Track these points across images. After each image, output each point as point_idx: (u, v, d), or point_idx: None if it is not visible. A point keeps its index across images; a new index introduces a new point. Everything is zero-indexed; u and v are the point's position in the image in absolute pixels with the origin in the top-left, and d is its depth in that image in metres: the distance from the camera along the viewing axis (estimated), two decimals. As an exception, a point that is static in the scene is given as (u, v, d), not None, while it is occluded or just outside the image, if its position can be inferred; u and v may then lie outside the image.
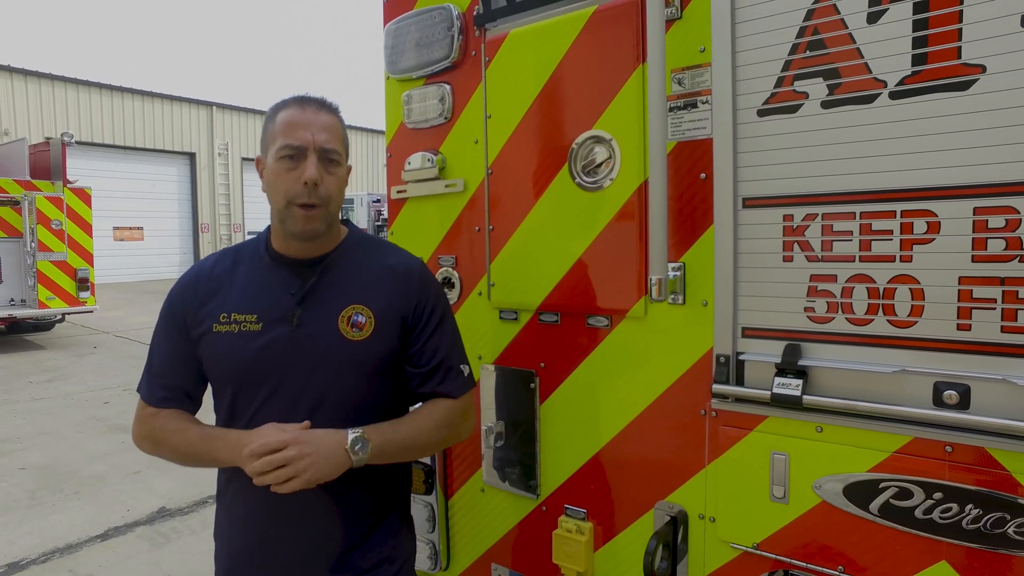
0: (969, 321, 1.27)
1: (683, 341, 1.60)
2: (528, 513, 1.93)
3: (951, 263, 1.28)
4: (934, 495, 1.30)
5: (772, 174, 1.46)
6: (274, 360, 1.39)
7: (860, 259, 1.38)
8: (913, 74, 1.30)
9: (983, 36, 1.22)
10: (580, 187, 1.73)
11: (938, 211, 1.29)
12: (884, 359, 1.36)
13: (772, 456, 1.48)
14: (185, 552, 3.97)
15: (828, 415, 1.41)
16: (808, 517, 1.46)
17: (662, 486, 1.67)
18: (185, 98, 23.95)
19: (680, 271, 1.57)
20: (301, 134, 1.37)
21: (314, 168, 1.36)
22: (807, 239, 1.43)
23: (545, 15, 1.78)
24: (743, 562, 1.56)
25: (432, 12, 1.97)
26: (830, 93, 1.39)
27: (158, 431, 1.46)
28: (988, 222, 1.24)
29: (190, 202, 24.33)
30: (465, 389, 1.52)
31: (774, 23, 1.44)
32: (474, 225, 1.98)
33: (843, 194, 1.39)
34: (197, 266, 1.54)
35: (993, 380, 1.24)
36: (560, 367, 1.82)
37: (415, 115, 2.04)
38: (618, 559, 1.76)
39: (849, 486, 1.40)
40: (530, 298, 1.85)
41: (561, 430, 1.84)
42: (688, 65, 1.56)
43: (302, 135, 1.37)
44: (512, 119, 1.86)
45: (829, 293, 1.41)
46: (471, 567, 2.09)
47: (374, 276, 1.47)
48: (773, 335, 1.48)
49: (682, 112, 1.57)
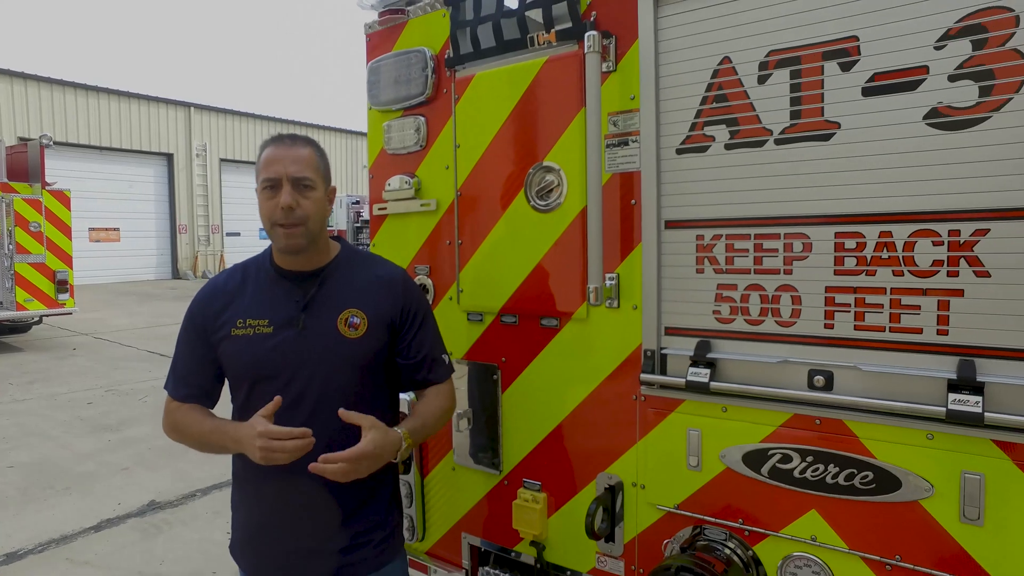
0: (832, 321, 1.62)
1: (618, 338, 1.92)
2: (492, 487, 2.25)
3: (820, 275, 1.63)
4: (807, 458, 1.64)
5: (688, 201, 1.80)
6: (284, 357, 1.67)
7: (754, 271, 1.71)
8: (791, 125, 1.64)
9: (838, 100, 1.56)
10: (534, 209, 2.05)
11: (810, 234, 1.63)
12: (772, 352, 1.70)
13: (688, 432, 1.81)
14: (177, 541, 4.20)
15: (730, 397, 1.74)
16: (716, 481, 1.79)
17: (602, 460, 1.99)
18: (162, 98, 23.81)
19: (615, 280, 1.90)
20: (276, 168, 1.66)
21: (288, 196, 1.65)
22: (714, 255, 1.76)
23: (506, 61, 2.09)
24: (667, 521, 1.90)
25: (409, 54, 2.27)
26: (731, 137, 1.72)
27: (180, 422, 1.75)
28: (844, 244, 1.58)
29: (167, 203, 24.18)
30: (449, 374, 1.85)
31: (688, 79, 1.77)
32: (445, 239, 2.28)
33: (741, 219, 1.72)
34: (212, 282, 1.83)
35: (848, 367, 1.59)
36: (518, 361, 2.14)
37: (394, 142, 2.34)
38: (567, 523, 2.08)
39: (746, 454, 1.73)
40: (493, 302, 2.16)
41: (519, 415, 2.16)
42: (621, 110, 1.89)
43: (277, 168, 1.66)
44: (478, 148, 2.17)
45: (731, 299, 1.75)
46: (444, 537, 2.40)
47: (365, 284, 1.77)
48: (688, 333, 1.81)
49: (616, 148, 1.90)
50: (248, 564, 1.80)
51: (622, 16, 1.85)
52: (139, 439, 6.14)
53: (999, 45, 1.38)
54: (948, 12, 1.43)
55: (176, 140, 24.16)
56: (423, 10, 2.26)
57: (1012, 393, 1.39)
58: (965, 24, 1.41)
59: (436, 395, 1.81)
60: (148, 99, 23.33)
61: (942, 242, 1.48)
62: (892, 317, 1.54)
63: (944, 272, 1.48)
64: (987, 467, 1.43)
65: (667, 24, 1.79)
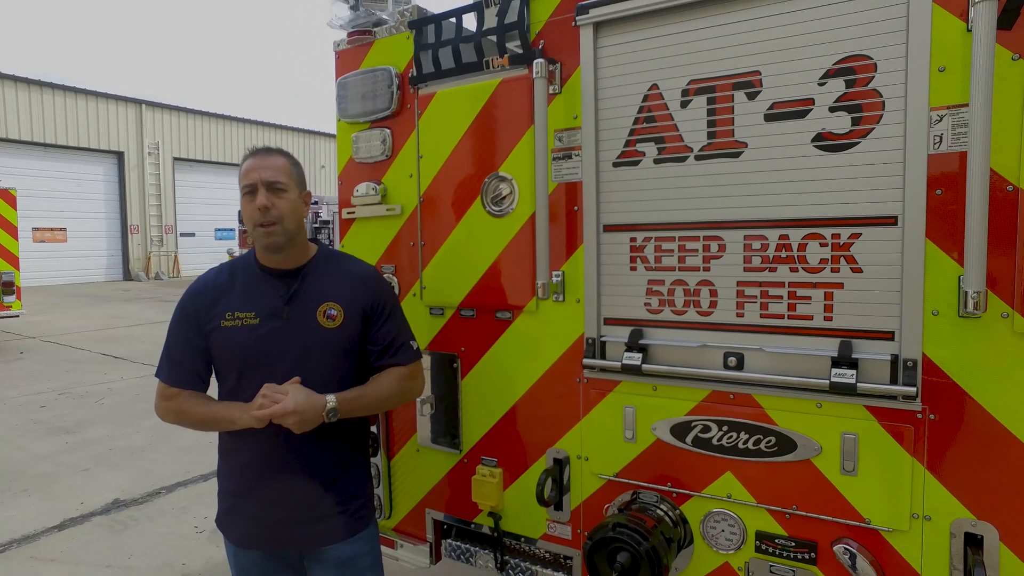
0: (743, 311, 1.91)
1: (563, 328, 2.18)
2: (453, 466, 2.48)
3: (732, 272, 1.92)
4: (723, 428, 1.93)
5: (622, 208, 2.07)
6: (270, 346, 1.87)
7: (678, 269, 1.99)
8: (708, 144, 1.92)
9: (746, 124, 1.86)
10: (489, 214, 2.29)
11: (724, 237, 1.92)
12: (693, 338, 1.98)
13: (624, 409, 2.08)
14: (145, 536, 4.27)
15: (659, 378, 2.02)
16: (648, 451, 2.07)
17: (551, 437, 2.25)
18: (112, 95, 23.12)
19: (560, 277, 2.16)
20: (253, 175, 1.89)
21: (263, 197, 1.86)
22: (645, 255, 2.04)
23: (464, 81, 2.33)
24: (608, 488, 2.16)
25: (376, 72, 2.48)
26: (659, 153, 2.00)
27: (182, 405, 1.92)
28: (752, 245, 1.88)
29: (118, 203, 23.49)
30: (413, 358, 2.04)
31: (623, 101, 2.04)
32: (409, 241, 2.51)
33: (668, 224, 2.00)
34: (203, 278, 2.01)
35: (755, 349, 1.88)
36: (476, 351, 2.38)
37: (362, 152, 2.55)
38: (521, 495, 2.33)
39: (673, 426, 2.01)
40: (453, 298, 2.40)
41: (477, 399, 2.40)
42: (566, 127, 2.14)
43: (253, 176, 1.89)
44: (439, 159, 2.40)
45: (659, 293, 2.03)
46: (409, 513, 2.62)
47: (341, 280, 1.98)
48: (624, 323, 2.08)
49: (561, 161, 2.16)
50: (232, 532, 1.98)
51: (566, 45, 2.11)
52: (98, 440, 6.12)
53: (864, 85, 1.69)
54: (827, 56, 1.73)
55: (127, 138, 23.49)
56: (389, 32, 2.48)
57: (878, 367, 1.71)
58: (840, 66, 1.72)
59: (389, 375, 1.99)
60: (97, 95, 22.63)
61: (827, 244, 1.78)
62: (790, 306, 1.84)
63: (829, 269, 1.78)
64: (860, 428, 1.74)
65: (605, 54, 2.06)
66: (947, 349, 1.64)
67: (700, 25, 1.91)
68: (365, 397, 1.93)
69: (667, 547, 1.94)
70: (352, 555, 1.99)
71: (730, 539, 1.97)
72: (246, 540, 1.97)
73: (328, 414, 1.81)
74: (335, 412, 1.83)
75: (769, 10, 1.81)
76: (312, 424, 1.80)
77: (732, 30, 1.86)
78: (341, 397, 1.86)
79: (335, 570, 1.98)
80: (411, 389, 2.06)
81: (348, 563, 1.99)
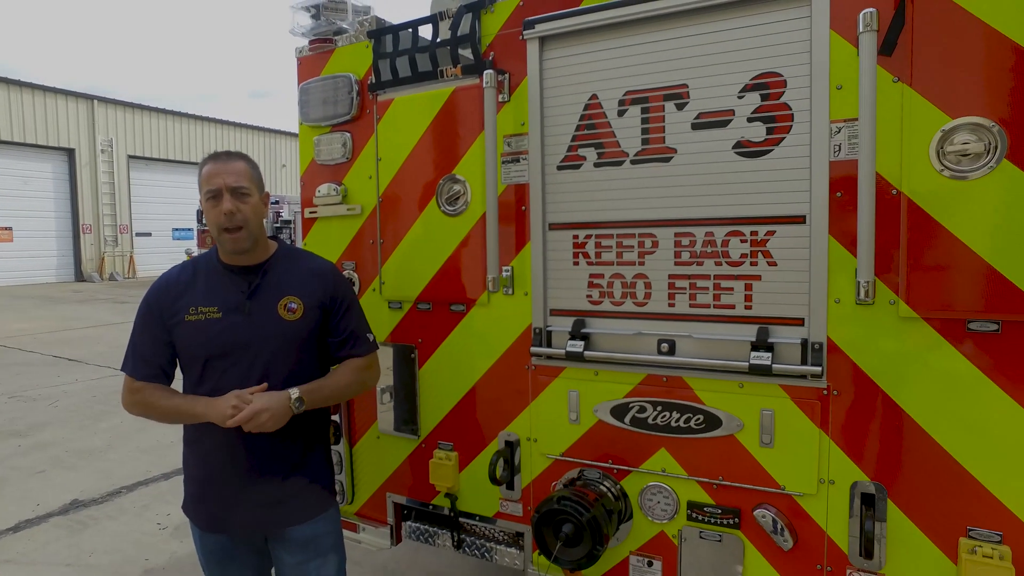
0: (674, 301, 2.10)
1: (513, 319, 2.35)
2: (412, 451, 2.62)
3: (664, 266, 2.11)
4: (657, 408, 2.13)
5: (566, 208, 2.25)
6: (233, 338, 1.96)
7: (617, 263, 2.18)
8: (642, 149, 2.11)
9: (675, 132, 2.05)
10: (444, 213, 2.45)
11: (657, 234, 2.11)
12: (631, 327, 2.17)
13: (568, 393, 2.26)
14: (106, 535, 4.26)
15: (600, 363, 2.20)
16: (591, 431, 2.25)
17: (502, 421, 2.41)
18: (62, 90, 22.33)
19: (510, 272, 2.33)
20: (216, 180, 1.97)
21: (228, 202, 1.95)
22: (587, 251, 2.22)
23: (420, 89, 2.48)
24: (556, 467, 2.34)
25: (337, 78, 2.61)
26: (598, 158, 2.18)
27: (148, 398, 2.00)
28: (681, 241, 2.08)
29: (69, 201, 22.72)
30: (370, 350, 2.16)
31: (566, 110, 2.22)
32: (369, 239, 2.64)
33: (606, 222, 2.18)
34: (166, 275, 2.10)
35: (685, 336, 2.08)
36: (432, 342, 2.53)
37: (323, 155, 2.67)
38: (475, 476, 2.49)
39: (613, 408, 2.20)
40: (410, 292, 2.54)
41: (434, 387, 2.55)
42: (514, 133, 2.31)
43: (217, 181, 1.97)
44: (397, 161, 2.54)
45: (600, 286, 2.21)
46: (371, 498, 2.75)
47: (301, 275, 2.08)
48: (568, 313, 2.26)
49: (510, 164, 2.32)
50: (198, 517, 2.08)
51: (515, 57, 2.28)
52: (54, 443, 6.02)
53: (777, 99, 1.90)
54: (745, 72, 1.94)
55: (78, 135, 22.73)
56: (349, 40, 2.61)
57: (790, 350, 1.92)
58: (756, 81, 1.92)
59: (347, 367, 2.11)
60: (45, 90, 21.84)
61: (746, 240, 1.99)
62: (715, 296, 2.05)
63: (748, 263, 1.99)
64: (775, 405, 1.96)
65: (550, 66, 2.23)
66: (847, 333, 1.87)
67: (635, 41, 2.09)
68: (325, 388, 2.04)
69: (608, 518, 2.13)
70: (314, 535, 2.10)
71: (665, 509, 2.16)
72: (212, 524, 2.06)
73: (295, 404, 1.92)
74: (301, 402, 1.93)
75: (696, 29, 2.01)
76: (284, 418, 1.90)
77: (663, 46, 2.05)
78: (304, 388, 1.96)
79: (298, 550, 2.09)
80: (368, 379, 2.18)
81: (310, 543, 2.10)
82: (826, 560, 1.93)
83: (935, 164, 1.71)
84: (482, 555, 2.52)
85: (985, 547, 1.70)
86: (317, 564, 2.11)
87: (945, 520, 1.77)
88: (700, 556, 2.11)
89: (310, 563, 2.10)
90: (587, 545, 2.07)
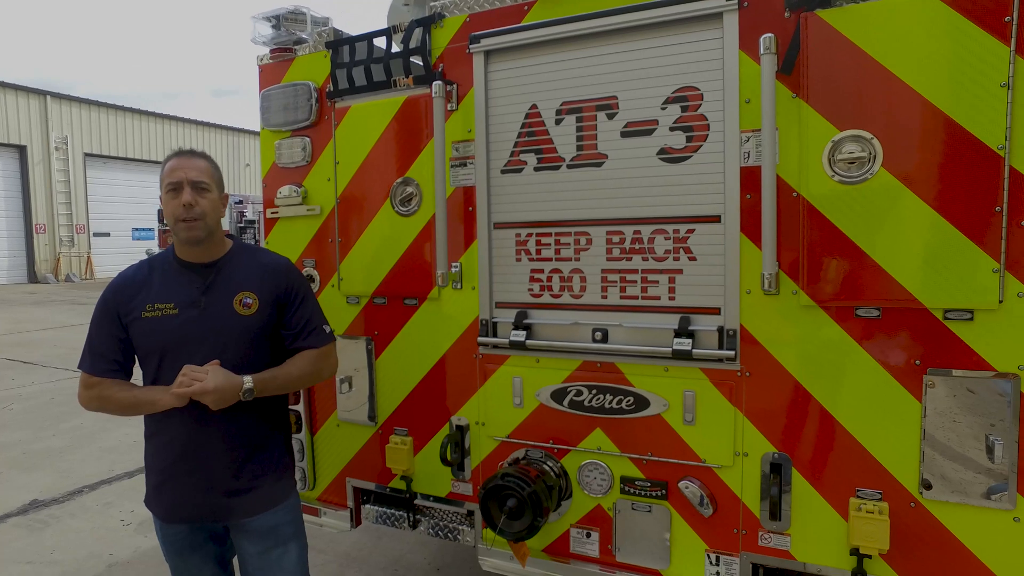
0: (606, 293, 2.31)
1: (462, 312, 2.53)
2: (369, 437, 2.78)
3: (598, 262, 2.31)
4: (592, 391, 2.33)
5: (509, 209, 2.44)
6: (189, 333, 2.04)
7: (555, 259, 2.38)
8: (577, 155, 2.31)
9: (606, 139, 2.26)
10: (398, 214, 2.61)
11: (591, 232, 2.32)
12: (568, 317, 2.37)
13: (513, 379, 2.45)
14: (68, 532, 4.28)
15: (541, 351, 2.39)
16: (534, 414, 2.44)
17: (453, 406, 2.59)
18: (11, 84, 21.61)
19: (458, 268, 2.51)
20: (178, 174, 2.06)
21: (188, 195, 2.04)
22: (528, 248, 2.41)
23: (375, 97, 2.64)
24: (502, 448, 2.52)
25: (296, 86, 2.75)
26: (538, 162, 2.37)
27: (104, 392, 2.06)
28: (612, 239, 2.28)
29: (20, 200, 22.00)
30: (326, 341, 2.24)
31: (509, 119, 2.41)
32: (328, 238, 2.79)
33: (546, 222, 2.38)
34: (123, 274, 2.18)
35: (617, 325, 2.29)
36: (388, 334, 2.69)
37: (284, 158, 2.81)
38: (429, 459, 2.66)
39: (553, 392, 2.40)
40: (367, 288, 2.70)
41: (390, 377, 2.71)
42: (462, 139, 2.49)
43: (178, 174, 2.06)
44: (353, 165, 2.69)
45: (540, 280, 2.41)
46: (331, 483, 2.90)
47: (255, 271, 2.17)
48: (511, 306, 2.45)
49: (458, 168, 2.50)
50: (159, 508, 2.14)
51: (462, 69, 2.46)
52: (11, 444, 5.97)
53: (695, 110, 2.12)
54: (667, 86, 2.15)
55: (29, 131, 22.02)
56: (308, 50, 2.75)
57: (708, 336, 2.14)
58: (677, 94, 2.14)
59: (302, 357, 2.16)
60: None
61: (670, 238, 2.20)
62: (642, 288, 2.26)
63: (671, 258, 2.21)
64: (696, 386, 2.18)
65: (494, 78, 2.42)
66: (757, 320, 2.09)
67: (571, 56, 2.29)
68: (279, 378, 2.11)
69: (548, 493, 2.32)
70: (275, 524, 2.17)
71: (600, 484, 2.37)
72: (172, 514, 2.10)
73: (244, 394, 1.99)
74: (251, 392, 2.00)
75: (624, 46, 2.21)
76: (229, 402, 1.97)
77: (596, 61, 2.26)
78: (257, 378, 2.03)
79: (259, 539, 2.14)
80: (325, 369, 2.27)
81: (271, 532, 2.16)
82: (741, 524, 2.16)
83: (827, 170, 1.95)
84: (436, 533, 2.70)
85: (868, 504, 1.95)
86: (279, 553, 2.17)
87: (838, 483, 2.02)
88: (633, 526, 2.33)
89: (272, 552, 2.16)
90: (528, 517, 2.26)
